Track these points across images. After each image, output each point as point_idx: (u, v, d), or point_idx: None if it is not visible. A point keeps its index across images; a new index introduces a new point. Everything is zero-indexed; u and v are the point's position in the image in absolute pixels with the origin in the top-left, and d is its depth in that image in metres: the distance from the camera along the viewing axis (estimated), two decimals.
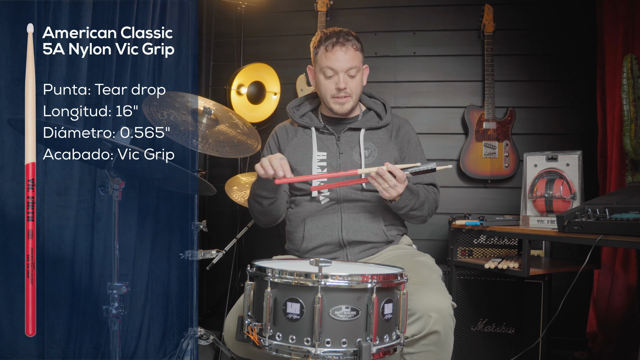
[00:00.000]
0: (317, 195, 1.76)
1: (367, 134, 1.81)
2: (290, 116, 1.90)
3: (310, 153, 1.80)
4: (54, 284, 1.88)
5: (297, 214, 1.79)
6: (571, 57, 2.86)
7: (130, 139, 1.40)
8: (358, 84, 1.79)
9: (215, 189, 1.61)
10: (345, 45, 1.77)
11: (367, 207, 1.75)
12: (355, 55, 1.77)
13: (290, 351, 1.14)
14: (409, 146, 1.84)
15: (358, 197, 1.75)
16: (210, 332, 2.18)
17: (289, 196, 1.85)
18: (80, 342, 2.01)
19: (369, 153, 1.79)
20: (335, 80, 1.76)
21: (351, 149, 1.79)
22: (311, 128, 1.84)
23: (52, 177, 1.87)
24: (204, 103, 2.12)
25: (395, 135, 1.84)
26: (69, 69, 1.90)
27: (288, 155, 1.82)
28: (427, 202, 1.74)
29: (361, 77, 1.81)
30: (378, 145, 1.80)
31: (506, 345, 2.24)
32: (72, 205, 1.91)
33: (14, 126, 1.38)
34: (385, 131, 1.85)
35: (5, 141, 1.67)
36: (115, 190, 1.40)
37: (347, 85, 1.76)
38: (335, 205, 1.75)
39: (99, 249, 2.08)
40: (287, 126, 1.92)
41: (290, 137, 1.87)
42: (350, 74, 1.76)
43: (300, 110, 1.91)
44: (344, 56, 1.76)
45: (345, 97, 1.77)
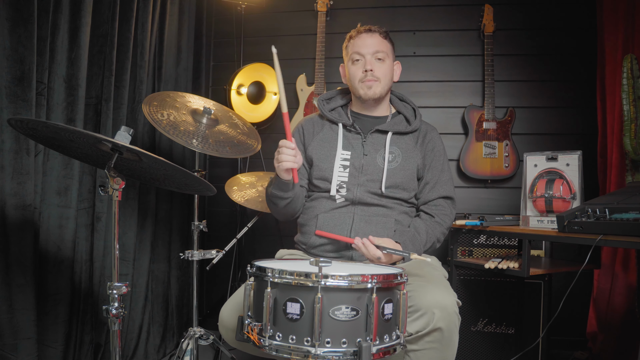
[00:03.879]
0: (335, 194, 1.76)
1: (393, 138, 1.80)
2: (319, 109, 1.89)
3: (334, 150, 1.79)
4: (54, 284, 1.88)
5: (311, 208, 1.80)
6: (571, 57, 2.86)
7: (130, 139, 1.40)
8: (387, 69, 1.79)
9: (215, 189, 1.61)
10: (371, 31, 1.79)
11: (380, 212, 1.75)
12: (382, 42, 1.78)
13: (290, 351, 1.14)
14: (432, 154, 1.83)
15: (374, 202, 1.75)
16: (210, 332, 2.18)
17: (307, 190, 1.86)
18: (80, 342, 2.01)
19: (393, 157, 1.78)
20: (363, 63, 1.77)
21: (376, 151, 1.79)
22: (339, 124, 1.83)
23: (52, 177, 1.87)
24: (204, 103, 2.12)
25: (422, 142, 1.84)
26: (69, 69, 1.89)
27: (312, 150, 1.82)
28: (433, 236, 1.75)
29: (391, 65, 1.81)
30: (403, 150, 1.80)
31: (506, 345, 2.24)
32: (72, 205, 1.90)
33: (14, 126, 1.37)
34: (412, 137, 1.84)
35: (5, 141, 1.66)
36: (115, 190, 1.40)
37: (374, 68, 1.76)
38: (350, 206, 1.76)
39: (99, 249, 2.08)
40: (314, 119, 1.91)
41: (316, 131, 1.87)
42: (377, 57, 1.77)
43: (331, 104, 1.91)
44: (370, 40, 1.77)
45: (372, 80, 1.77)
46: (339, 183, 1.76)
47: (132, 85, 2.31)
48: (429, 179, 1.82)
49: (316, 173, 1.80)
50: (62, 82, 1.87)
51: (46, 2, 1.77)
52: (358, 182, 1.75)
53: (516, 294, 2.24)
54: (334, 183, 1.75)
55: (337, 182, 1.75)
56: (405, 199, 1.78)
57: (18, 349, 1.69)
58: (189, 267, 2.68)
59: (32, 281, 1.74)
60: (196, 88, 3.01)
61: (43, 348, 1.82)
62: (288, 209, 1.80)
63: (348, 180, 1.76)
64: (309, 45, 3.05)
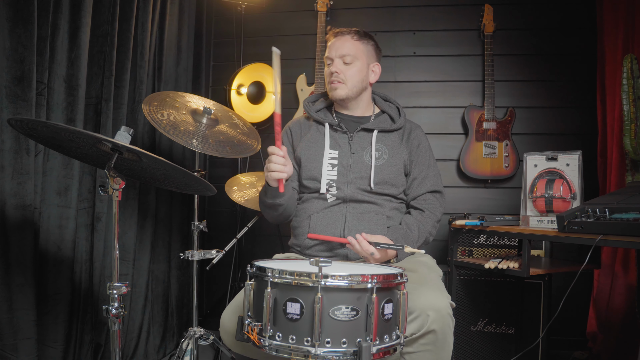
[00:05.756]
0: (325, 193, 1.77)
1: (379, 136, 1.83)
2: (306, 110, 1.92)
3: (322, 150, 1.82)
4: (54, 284, 1.88)
5: (303, 210, 1.81)
6: (571, 57, 2.86)
7: (130, 139, 1.40)
8: (355, 72, 1.81)
9: (215, 189, 1.61)
10: (342, 34, 1.81)
11: (372, 209, 1.76)
12: (352, 45, 1.80)
13: (290, 351, 1.14)
14: (417, 150, 1.85)
15: (364, 199, 1.76)
16: (210, 332, 2.18)
17: (298, 193, 1.87)
18: (80, 342, 2.01)
19: (380, 155, 1.80)
20: (331, 65, 1.80)
21: (363, 149, 1.81)
22: (325, 124, 1.85)
23: (52, 177, 1.87)
24: (204, 103, 2.12)
25: (407, 139, 1.86)
26: (69, 69, 1.89)
27: (300, 151, 1.84)
28: (425, 231, 1.76)
29: (362, 67, 1.82)
30: (389, 147, 1.82)
31: (506, 345, 2.24)
32: (72, 205, 1.90)
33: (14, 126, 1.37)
34: (397, 134, 1.86)
35: (5, 141, 1.66)
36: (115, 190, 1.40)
37: (340, 70, 1.79)
38: (341, 205, 1.77)
39: (99, 249, 2.08)
40: (301, 121, 1.94)
41: (304, 133, 1.89)
42: (345, 61, 1.79)
43: (316, 106, 1.93)
44: (338, 42, 1.80)
45: (337, 82, 1.80)
46: (329, 182, 1.78)
47: (132, 85, 2.31)
48: (416, 175, 1.83)
49: (305, 173, 1.82)
50: (62, 82, 1.87)
51: (46, 2, 1.77)
52: (347, 180, 1.77)
53: (516, 294, 2.24)
54: (324, 181, 1.77)
55: (326, 180, 1.77)
56: (395, 194, 1.80)
57: (18, 349, 1.69)
58: (189, 267, 2.68)
59: (32, 281, 1.74)
60: (196, 88, 3.01)
61: (43, 348, 1.82)
62: (282, 214, 1.82)
63: (337, 179, 1.78)
64: (309, 45, 3.04)
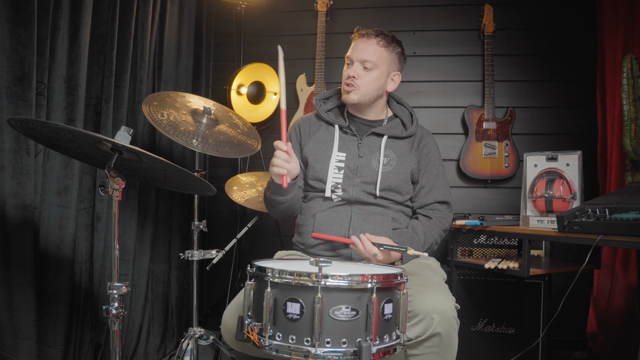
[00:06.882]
0: (331, 194, 1.76)
1: (389, 142, 1.81)
2: (316, 109, 1.89)
3: (330, 152, 1.80)
4: (54, 284, 1.88)
5: (308, 208, 1.81)
6: (571, 57, 2.86)
7: (130, 139, 1.40)
8: (372, 79, 1.76)
9: (215, 189, 1.61)
10: (368, 36, 1.76)
11: (377, 211, 1.76)
12: (376, 50, 1.75)
13: (290, 351, 1.14)
14: (427, 159, 1.83)
15: (370, 201, 1.76)
16: (210, 332, 2.18)
17: (304, 191, 1.87)
18: (80, 342, 2.01)
19: (388, 161, 1.78)
20: (351, 67, 1.77)
21: (371, 153, 1.79)
22: (335, 126, 1.83)
23: (52, 177, 1.87)
24: (204, 103, 2.12)
25: (417, 147, 1.84)
26: (69, 69, 1.89)
27: (308, 151, 1.82)
28: (431, 237, 1.75)
29: (381, 75, 1.77)
30: (398, 154, 1.80)
31: (506, 345, 2.24)
32: (72, 205, 1.90)
33: (14, 126, 1.37)
34: (407, 142, 1.84)
35: (5, 141, 1.66)
36: (115, 190, 1.40)
37: (357, 75, 1.75)
38: (346, 206, 1.76)
39: (99, 249, 2.08)
40: (311, 119, 1.90)
41: (313, 131, 1.86)
42: (365, 66, 1.75)
43: (327, 105, 1.90)
44: (363, 45, 1.76)
45: (350, 85, 1.76)
46: (334, 184, 1.76)
47: (132, 85, 2.31)
48: (424, 184, 1.82)
49: (311, 174, 1.81)
50: (62, 82, 1.87)
51: (46, 2, 1.77)
52: (353, 183, 1.76)
53: (516, 294, 2.24)
54: (329, 184, 1.76)
55: (331, 183, 1.76)
56: (400, 201, 1.79)
57: (18, 349, 1.69)
58: (189, 267, 2.68)
59: (32, 281, 1.74)
60: (196, 88, 3.01)
61: (43, 348, 1.82)
62: (286, 211, 1.81)
63: (343, 182, 1.76)
64: (309, 45, 3.04)
